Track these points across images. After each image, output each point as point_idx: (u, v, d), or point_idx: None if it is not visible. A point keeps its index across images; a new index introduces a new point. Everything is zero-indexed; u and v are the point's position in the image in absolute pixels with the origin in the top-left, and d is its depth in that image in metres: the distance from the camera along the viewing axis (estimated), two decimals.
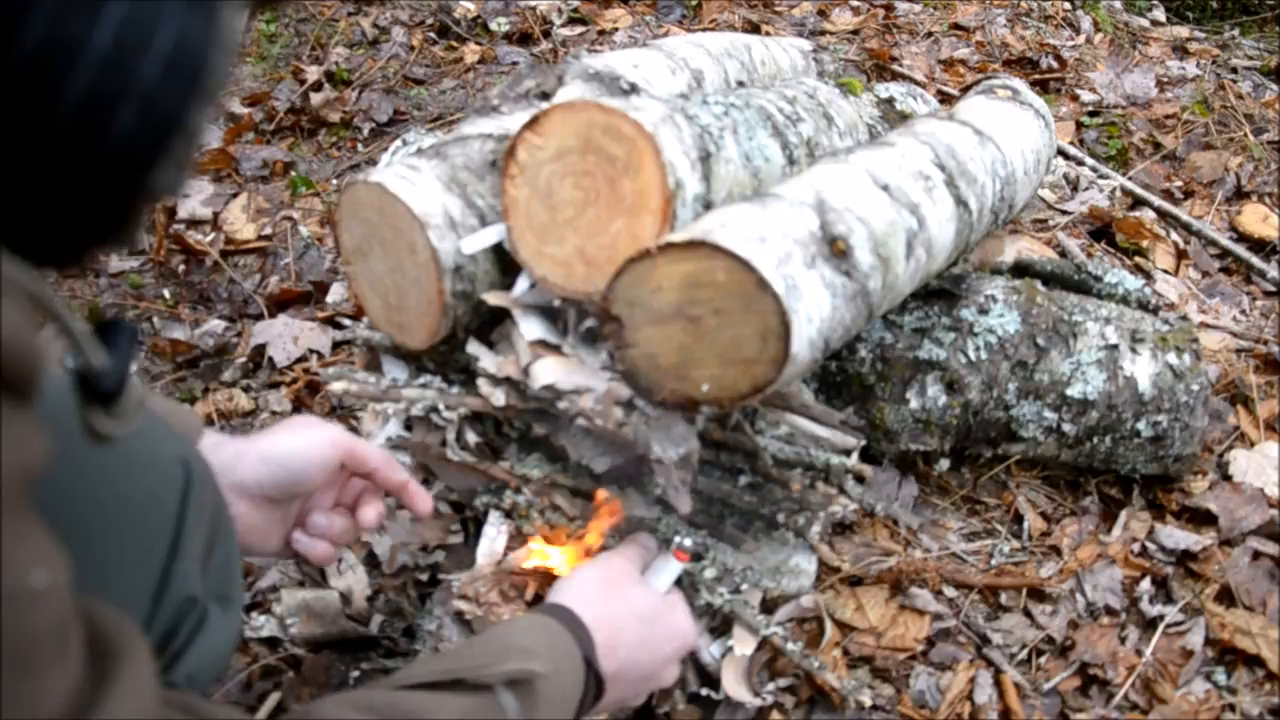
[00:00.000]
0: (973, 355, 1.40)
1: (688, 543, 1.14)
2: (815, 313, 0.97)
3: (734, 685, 1.14)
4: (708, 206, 1.08)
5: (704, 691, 1.16)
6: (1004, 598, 1.36)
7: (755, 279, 0.93)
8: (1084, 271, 1.59)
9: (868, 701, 1.16)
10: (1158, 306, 1.56)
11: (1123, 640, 1.30)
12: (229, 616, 0.81)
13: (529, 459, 1.22)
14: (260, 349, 1.83)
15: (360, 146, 2.43)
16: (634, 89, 1.31)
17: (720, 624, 1.20)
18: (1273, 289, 1.96)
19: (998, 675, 1.26)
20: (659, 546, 1.15)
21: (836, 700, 1.17)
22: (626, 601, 0.99)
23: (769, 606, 1.25)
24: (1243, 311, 1.91)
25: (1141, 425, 1.41)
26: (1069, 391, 1.41)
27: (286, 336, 1.84)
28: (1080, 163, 2.30)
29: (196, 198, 2.22)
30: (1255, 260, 2.01)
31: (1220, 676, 1.26)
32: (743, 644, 1.16)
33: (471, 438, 1.25)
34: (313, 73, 2.58)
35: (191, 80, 0.44)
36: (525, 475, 1.21)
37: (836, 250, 1.02)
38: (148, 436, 0.77)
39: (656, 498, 1.16)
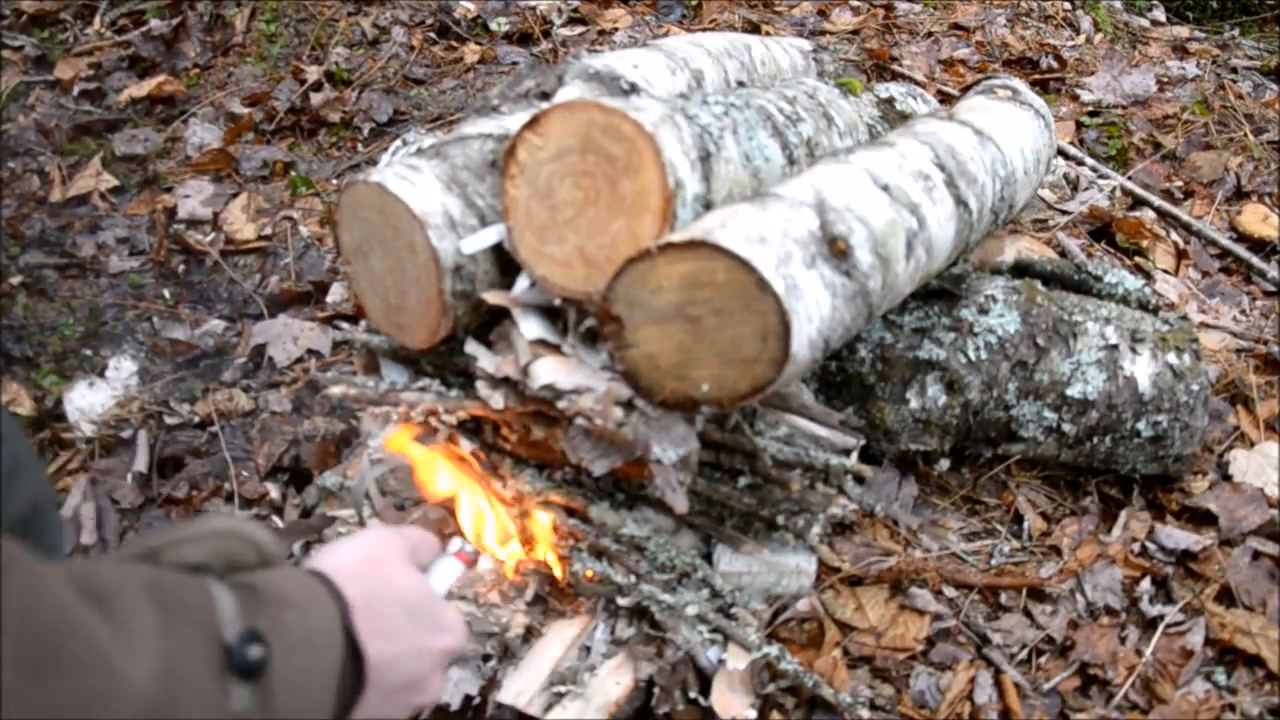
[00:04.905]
0: (973, 355, 1.40)
1: (469, 547, 1.10)
2: (815, 313, 0.97)
3: (723, 698, 1.14)
4: (708, 206, 1.08)
5: (702, 700, 1.15)
6: (1004, 598, 1.36)
7: (755, 279, 0.93)
8: (1084, 271, 1.59)
9: (866, 715, 1.16)
10: (1158, 306, 1.56)
11: (1123, 640, 1.30)
12: None
13: (523, 473, 1.22)
14: (260, 349, 1.83)
15: (360, 146, 2.43)
16: (634, 89, 1.31)
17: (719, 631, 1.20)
18: (1273, 289, 1.96)
19: (998, 675, 1.26)
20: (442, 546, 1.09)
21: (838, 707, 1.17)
22: (392, 585, 0.83)
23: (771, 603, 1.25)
24: (1243, 311, 1.91)
25: (1141, 425, 1.41)
26: (1069, 391, 1.41)
27: (286, 336, 1.84)
28: (1080, 163, 2.30)
29: (196, 198, 2.22)
30: (1255, 260, 2.01)
31: (1220, 676, 1.26)
32: (736, 659, 1.16)
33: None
34: (313, 73, 2.58)
35: None
36: (519, 491, 1.20)
37: (836, 250, 1.02)
38: None
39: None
